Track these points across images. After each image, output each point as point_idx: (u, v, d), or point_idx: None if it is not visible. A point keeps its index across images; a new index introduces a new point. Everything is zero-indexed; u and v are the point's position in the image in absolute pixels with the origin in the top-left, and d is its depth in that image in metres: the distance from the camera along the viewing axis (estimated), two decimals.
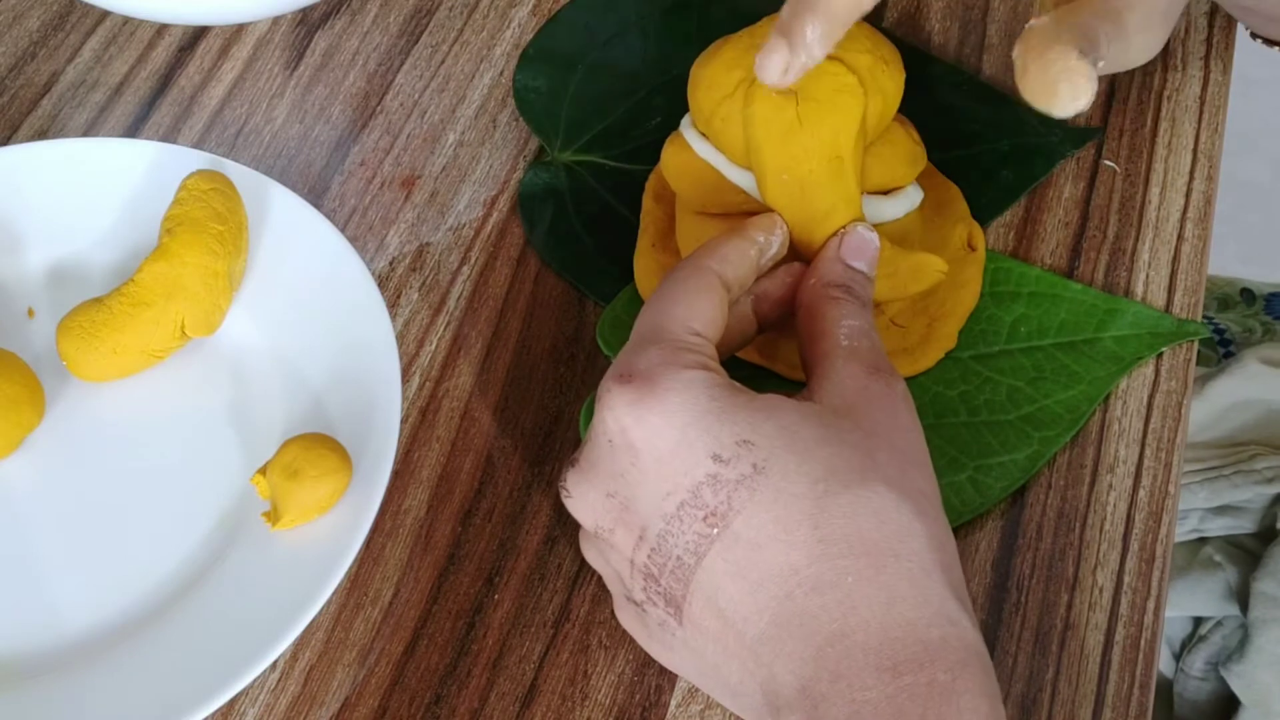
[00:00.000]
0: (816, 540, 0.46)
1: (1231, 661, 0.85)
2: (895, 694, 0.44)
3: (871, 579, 0.46)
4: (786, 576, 0.46)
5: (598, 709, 0.55)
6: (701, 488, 0.47)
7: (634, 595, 0.49)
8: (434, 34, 0.73)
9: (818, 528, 0.46)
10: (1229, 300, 1.01)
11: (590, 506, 0.50)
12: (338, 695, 0.55)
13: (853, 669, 0.45)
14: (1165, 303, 0.63)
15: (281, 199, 0.63)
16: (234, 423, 0.60)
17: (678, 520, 0.47)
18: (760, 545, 0.46)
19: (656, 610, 0.49)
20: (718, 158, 0.58)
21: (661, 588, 0.48)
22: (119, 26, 0.74)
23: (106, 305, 0.59)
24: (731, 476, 0.47)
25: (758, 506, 0.46)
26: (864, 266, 0.55)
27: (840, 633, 0.45)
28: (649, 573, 0.48)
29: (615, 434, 0.48)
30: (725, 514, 0.46)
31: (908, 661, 0.44)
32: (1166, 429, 0.60)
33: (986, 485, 0.58)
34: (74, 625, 0.55)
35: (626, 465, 0.48)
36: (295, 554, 0.55)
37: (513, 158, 0.69)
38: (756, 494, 0.46)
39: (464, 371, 0.62)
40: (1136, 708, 0.55)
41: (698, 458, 0.47)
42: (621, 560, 0.49)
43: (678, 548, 0.47)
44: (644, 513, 0.48)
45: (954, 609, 0.46)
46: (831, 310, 0.52)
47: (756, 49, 0.56)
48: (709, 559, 0.47)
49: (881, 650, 0.45)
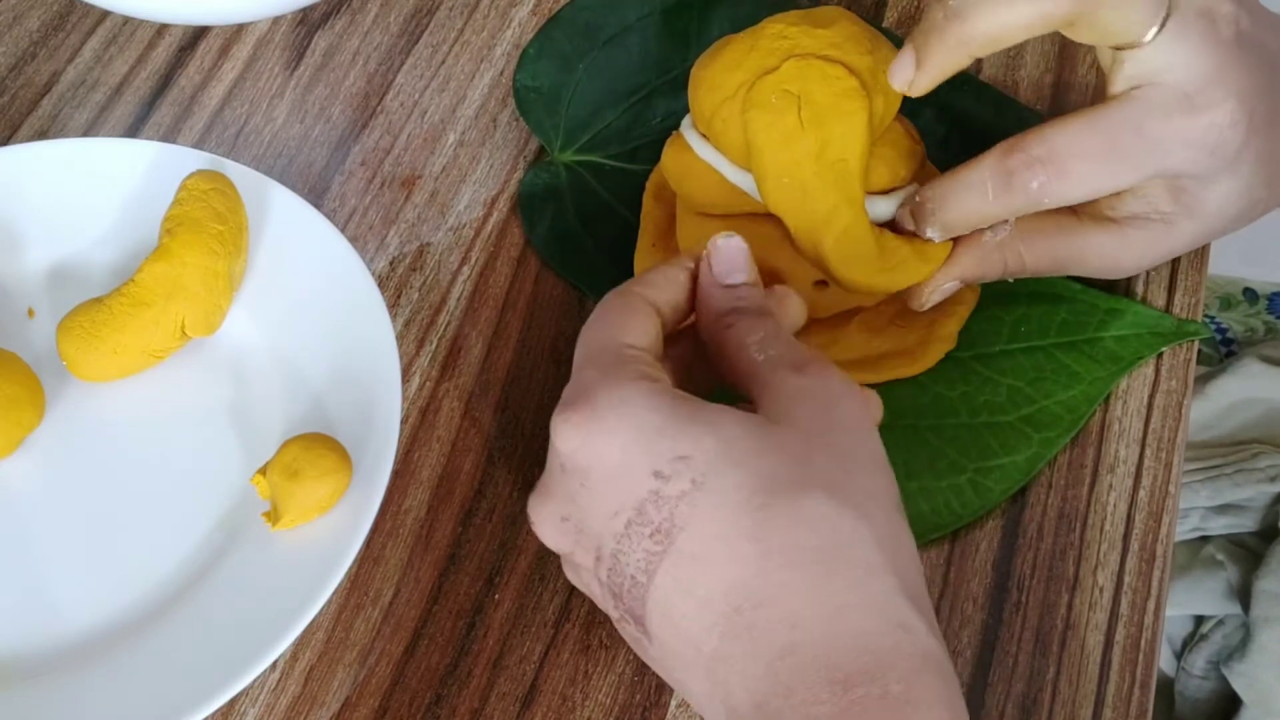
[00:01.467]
0: (758, 554, 0.45)
1: (1233, 660, 0.85)
2: (848, 708, 0.43)
3: (817, 588, 0.45)
4: (732, 591, 0.45)
5: (598, 709, 0.55)
6: (645, 505, 0.46)
7: (611, 613, 0.49)
8: (434, 34, 0.73)
9: (758, 541, 0.45)
10: (1231, 300, 1.01)
11: (551, 530, 0.50)
12: (338, 695, 0.55)
13: (804, 683, 0.44)
14: (1165, 302, 0.63)
15: (281, 199, 0.63)
16: (234, 423, 0.60)
17: (627, 539, 0.47)
18: (704, 560, 0.45)
19: (629, 627, 0.48)
20: (718, 159, 0.58)
21: (626, 606, 0.48)
22: (119, 26, 0.74)
23: (107, 305, 0.59)
24: (672, 493, 0.46)
25: (699, 522, 0.46)
26: (742, 276, 0.53)
27: (789, 646, 0.44)
28: (613, 591, 0.48)
29: (565, 457, 0.48)
30: (670, 530, 0.46)
31: (858, 674, 0.43)
32: (1167, 429, 0.60)
33: (986, 488, 0.58)
34: (74, 625, 0.55)
35: (576, 487, 0.48)
36: (295, 554, 0.55)
37: (513, 158, 0.69)
38: (697, 509, 0.46)
39: (464, 371, 0.62)
40: (1137, 708, 0.55)
41: (640, 475, 0.47)
42: (591, 579, 0.49)
43: (630, 566, 0.47)
44: (597, 533, 0.48)
45: (906, 614, 0.45)
46: (731, 338, 0.51)
47: (757, 50, 0.56)
48: (659, 576, 0.46)
49: (830, 663, 0.44)
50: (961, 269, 0.58)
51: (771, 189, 0.56)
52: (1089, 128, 0.55)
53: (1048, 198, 0.55)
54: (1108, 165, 0.55)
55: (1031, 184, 0.55)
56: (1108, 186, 0.56)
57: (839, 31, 0.57)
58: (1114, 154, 0.55)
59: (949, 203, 0.56)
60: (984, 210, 0.56)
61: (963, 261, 0.58)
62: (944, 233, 0.57)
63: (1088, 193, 0.56)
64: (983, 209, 0.56)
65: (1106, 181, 0.56)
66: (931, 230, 0.57)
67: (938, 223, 0.57)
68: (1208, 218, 0.57)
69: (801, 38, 0.56)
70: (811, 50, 0.56)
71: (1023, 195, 0.55)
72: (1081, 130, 0.55)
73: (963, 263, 0.58)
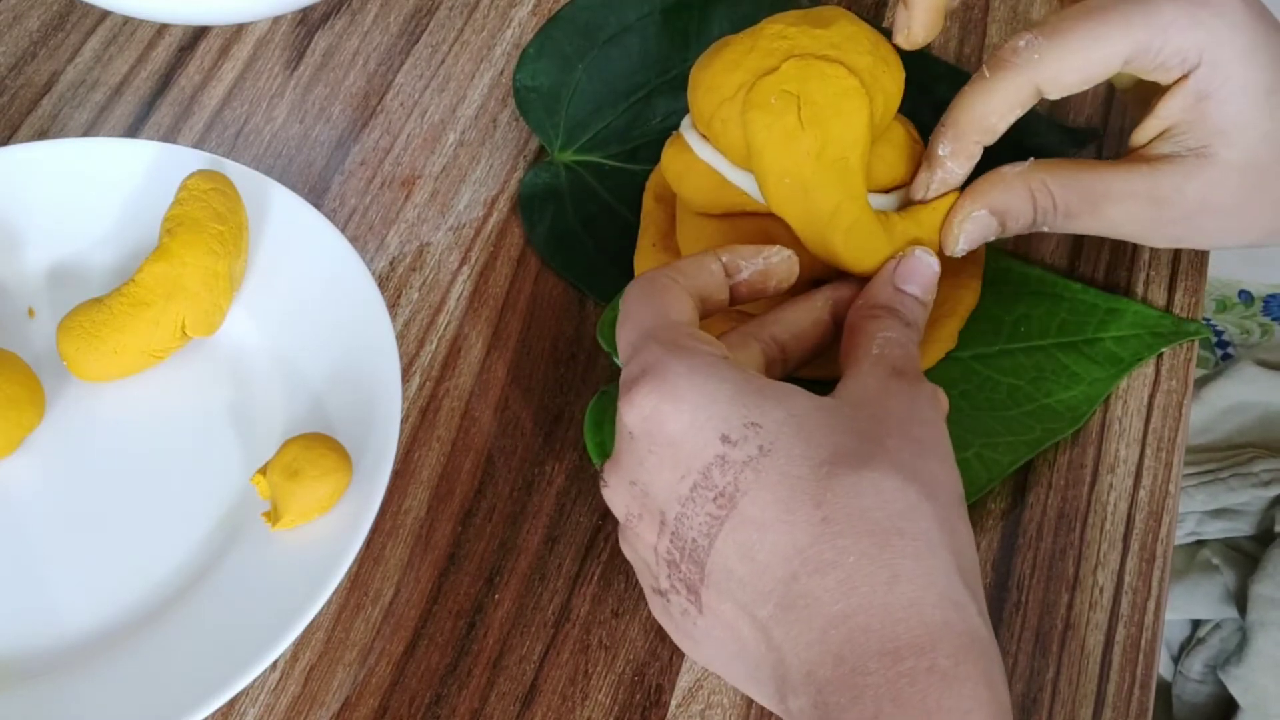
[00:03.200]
0: (819, 520, 0.46)
1: (1230, 665, 0.85)
2: (895, 679, 0.44)
3: (874, 557, 0.45)
4: (791, 557, 0.46)
5: (598, 709, 0.55)
6: (711, 469, 0.47)
7: (660, 585, 0.50)
8: (434, 34, 0.73)
9: (819, 507, 0.46)
10: (1227, 302, 1.01)
11: (620, 496, 0.50)
12: (338, 695, 0.55)
13: (854, 652, 0.44)
14: (1166, 302, 0.63)
15: (281, 199, 0.63)
16: (234, 423, 0.60)
17: (691, 503, 0.47)
18: (765, 526, 0.46)
19: (679, 599, 0.49)
20: (718, 159, 0.58)
21: (681, 574, 0.48)
22: (119, 26, 0.73)
23: (107, 305, 0.59)
24: (739, 458, 0.47)
25: (762, 488, 0.46)
26: (916, 290, 0.55)
27: (843, 614, 0.45)
28: (670, 559, 0.48)
29: (634, 425, 0.49)
30: (733, 495, 0.47)
31: (909, 645, 0.44)
32: (1167, 429, 0.60)
33: (993, 460, 0.58)
34: (74, 625, 0.55)
35: (645, 453, 0.49)
36: (295, 554, 0.55)
37: (513, 158, 0.69)
38: (762, 475, 0.46)
39: (464, 371, 0.62)
40: (1137, 707, 0.55)
41: (708, 439, 0.47)
42: (647, 549, 0.50)
43: (692, 530, 0.47)
44: (662, 498, 0.48)
45: (960, 593, 0.46)
46: (870, 326, 0.53)
47: (757, 50, 0.56)
48: (720, 541, 0.47)
49: (884, 632, 0.44)
50: (988, 198, 0.57)
51: (773, 189, 0.56)
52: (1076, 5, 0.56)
53: (1037, 55, 0.55)
54: (1093, 19, 0.55)
55: (1019, 43, 0.55)
56: (1100, 52, 0.55)
57: (838, 31, 0.57)
58: (1099, 11, 0.55)
59: (955, 103, 0.57)
60: (985, 93, 0.56)
61: (984, 189, 0.57)
62: (955, 140, 0.57)
63: (1081, 58, 0.55)
64: (983, 93, 0.56)
65: (1097, 41, 0.55)
66: (944, 144, 0.57)
67: (947, 130, 0.57)
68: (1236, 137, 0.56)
69: (801, 38, 0.56)
70: (811, 50, 0.56)
71: (1013, 60, 0.55)
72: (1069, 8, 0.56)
73: (984, 190, 0.57)
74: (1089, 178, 0.57)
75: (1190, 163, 0.57)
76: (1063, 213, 0.58)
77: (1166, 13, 0.55)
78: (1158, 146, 0.57)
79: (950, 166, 0.57)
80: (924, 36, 0.58)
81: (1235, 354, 1.00)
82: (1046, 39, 0.55)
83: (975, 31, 0.72)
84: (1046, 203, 0.57)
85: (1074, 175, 0.57)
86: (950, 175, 0.57)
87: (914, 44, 0.58)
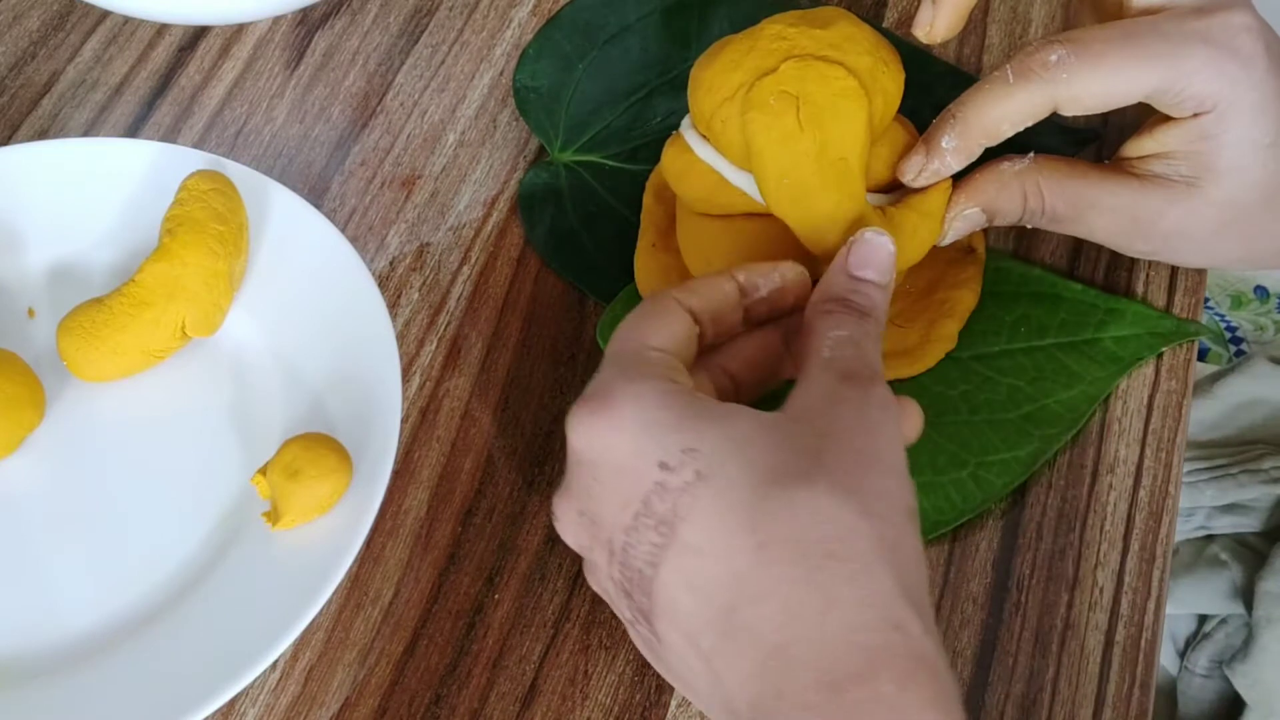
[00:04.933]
0: (755, 545, 0.44)
1: (1236, 661, 0.85)
2: (838, 711, 0.42)
3: (808, 583, 0.44)
4: (729, 585, 0.45)
5: (598, 709, 0.55)
6: (651, 496, 0.46)
7: (624, 614, 0.49)
8: (434, 34, 0.73)
9: (755, 532, 0.45)
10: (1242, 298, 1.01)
11: (570, 529, 0.50)
12: (338, 695, 0.55)
13: (794, 686, 0.43)
14: (1166, 302, 0.63)
15: (281, 199, 0.63)
16: (234, 423, 0.60)
17: (635, 531, 0.47)
18: (704, 553, 0.45)
19: (641, 628, 0.48)
20: (718, 159, 0.58)
21: (636, 604, 0.48)
22: (119, 26, 0.74)
23: (107, 305, 0.59)
24: (676, 484, 0.46)
25: (701, 513, 0.45)
26: (872, 274, 0.52)
27: (779, 645, 0.44)
28: (624, 589, 0.48)
29: (580, 452, 0.48)
30: (672, 522, 0.46)
31: (849, 676, 0.43)
32: (1167, 429, 0.60)
33: (988, 481, 0.58)
34: (74, 625, 0.55)
35: (590, 481, 0.48)
36: (295, 554, 0.55)
37: (513, 158, 0.69)
38: (699, 501, 0.45)
39: (464, 371, 0.62)
40: (1137, 708, 0.54)
41: (647, 466, 0.46)
42: (605, 579, 0.49)
43: (638, 559, 0.47)
44: (609, 526, 0.48)
45: (902, 613, 0.44)
46: (821, 324, 0.51)
47: (756, 51, 0.56)
48: (663, 570, 0.46)
49: (820, 664, 0.43)
50: (983, 195, 0.58)
51: (772, 190, 0.56)
52: (1108, 25, 0.56)
53: (1066, 74, 0.55)
54: (1125, 50, 0.55)
55: (1050, 57, 0.55)
56: (1124, 84, 0.55)
57: (838, 32, 0.57)
58: (1132, 41, 0.55)
59: (969, 99, 0.56)
60: (1004, 97, 0.56)
61: (981, 186, 0.58)
62: (961, 137, 0.56)
63: (1105, 85, 0.55)
64: (1002, 97, 0.56)
65: (1124, 72, 0.55)
66: (949, 138, 0.56)
67: (956, 125, 0.56)
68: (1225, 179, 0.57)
69: (800, 38, 0.56)
70: (810, 51, 0.56)
71: (1041, 73, 0.55)
72: (1101, 27, 0.56)
73: (981, 188, 0.58)
74: (1080, 186, 0.58)
75: (1179, 190, 0.57)
76: (1049, 216, 0.59)
77: (1197, 56, 0.55)
78: (1151, 165, 0.58)
79: (949, 161, 0.57)
80: (944, 35, 0.58)
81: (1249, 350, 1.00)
82: (1078, 59, 0.55)
83: (975, 31, 0.72)
84: (1036, 205, 0.58)
85: (1067, 182, 0.58)
86: (946, 169, 0.57)
87: (934, 40, 0.58)
